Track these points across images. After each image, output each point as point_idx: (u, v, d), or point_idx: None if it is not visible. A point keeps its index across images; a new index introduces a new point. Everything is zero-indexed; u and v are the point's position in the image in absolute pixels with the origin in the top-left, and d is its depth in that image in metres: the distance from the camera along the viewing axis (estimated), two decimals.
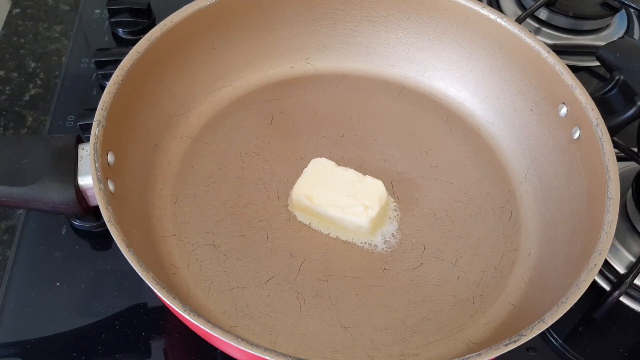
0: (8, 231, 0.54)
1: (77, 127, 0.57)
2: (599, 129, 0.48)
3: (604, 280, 0.52)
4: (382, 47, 0.62)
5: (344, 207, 0.50)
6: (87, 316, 0.49)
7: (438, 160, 0.57)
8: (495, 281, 0.50)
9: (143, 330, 0.49)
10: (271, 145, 0.56)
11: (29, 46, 0.68)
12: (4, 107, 0.63)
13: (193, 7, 0.53)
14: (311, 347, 0.45)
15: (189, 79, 0.56)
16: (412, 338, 0.46)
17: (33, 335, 0.48)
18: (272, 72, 0.61)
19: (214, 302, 0.47)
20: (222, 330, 0.36)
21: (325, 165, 0.52)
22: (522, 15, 0.68)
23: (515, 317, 0.47)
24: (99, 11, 0.71)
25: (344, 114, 0.59)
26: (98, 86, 0.63)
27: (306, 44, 0.61)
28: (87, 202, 0.46)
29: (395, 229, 0.52)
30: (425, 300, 0.48)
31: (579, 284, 0.40)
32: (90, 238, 0.53)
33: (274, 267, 0.49)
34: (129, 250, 0.38)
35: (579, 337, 0.51)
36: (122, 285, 0.50)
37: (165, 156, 0.54)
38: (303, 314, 0.47)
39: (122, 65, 0.48)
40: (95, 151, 0.43)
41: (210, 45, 0.57)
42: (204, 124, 0.57)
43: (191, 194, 0.53)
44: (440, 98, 0.61)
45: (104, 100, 0.46)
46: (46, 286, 0.50)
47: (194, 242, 0.50)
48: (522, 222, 0.53)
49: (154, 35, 0.51)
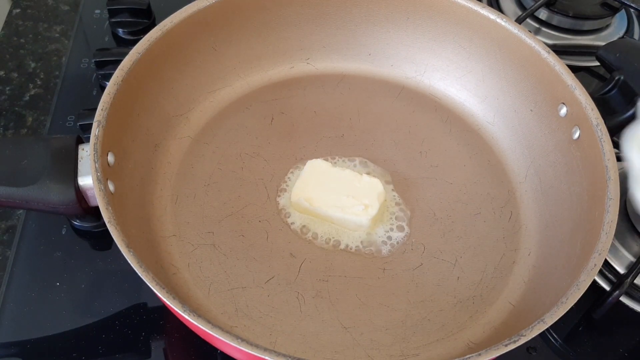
0: (8, 231, 0.54)
1: (77, 127, 0.57)
2: (599, 129, 0.48)
3: (604, 280, 0.52)
4: (382, 47, 0.62)
5: (344, 207, 0.50)
6: (87, 316, 0.49)
7: (438, 160, 0.57)
8: (495, 281, 0.50)
9: (143, 330, 0.49)
10: (271, 145, 0.56)
11: (29, 46, 0.68)
12: (4, 107, 0.63)
13: (193, 8, 0.53)
14: (311, 347, 0.45)
15: (189, 79, 0.56)
16: (412, 338, 0.46)
17: (33, 335, 0.48)
18: (272, 72, 0.61)
19: (214, 303, 0.47)
20: (222, 330, 0.36)
21: (322, 166, 0.52)
22: (522, 15, 0.68)
23: (515, 317, 0.47)
24: (99, 11, 0.71)
25: (344, 114, 0.59)
26: (98, 86, 0.63)
27: (306, 44, 0.61)
28: (87, 203, 0.46)
29: (395, 229, 0.52)
30: (425, 300, 0.48)
31: (579, 284, 0.40)
32: (90, 238, 0.53)
33: (274, 267, 0.49)
34: (129, 250, 0.39)
35: (579, 337, 0.51)
36: (122, 285, 0.50)
37: (165, 156, 0.54)
38: (303, 314, 0.47)
39: (122, 66, 0.48)
40: (95, 152, 0.43)
41: (210, 45, 0.57)
42: (204, 124, 0.57)
43: (191, 194, 0.53)
44: (440, 98, 0.61)
45: (104, 101, 0.46)
46: (46, 286, 0.50)
47: (194, 242, 0.50)
48: (522, 222, 0.53)
49: (154, 35, 0.51)
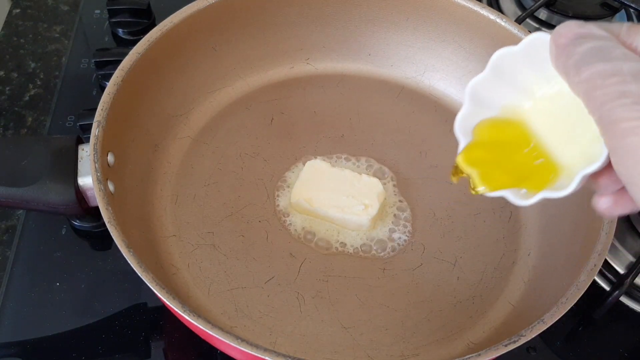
0: (8, 231, 0.54)
1: (77, 128, 0.57)
2: None
3: (604, 280, 0.53)
4: (382, 47, 0.62)
5: (344, 207, 0.50)
6: (87, 316, 0.49)
7: (438, 160, 0.57)
8: (495, 281, 0.50)
9: (143, 330, 0.49)
10: (271, 145, 0.56)
11: (29, 46, 0.68)
12: (4, 107, 0.63)
13: (193, 8, 0.53)
14: (311, 347, 0.45)
15: (189, 79, 0.56)
16: (412, 338, 0.46)
17: (33, 335, 0.48)
18: (272, 72, 0.61)
19: (214, 303, 0.47)
20: (222, 330, 0.36)
21: (321, 166, 0.52)
22: (522, 16, 0.68)
23: (515, 318, 0.47)
24: (99, 11, 0.71)
25: (344, 114, 0.59)
26: (98, 86, 0.63)
27: (306, 44, 0.61)
28: (87, 203, 0.46)
29: (395, 229, 0.52)
30: (425, 300, 0.48)
31: (578, 284, 0.40)
32: (90, 238, 0.53)
33: (274, 268, 0.49)
34: (129, 250, 0.39)
35: (579, 337, 0.51)
36: (122, 285, 0.50)
37: (165, 156, 0.54)
38: (303, 314, 0.47)
39: (122, 66, 0.48)
40: (95, 152, 0.43)
41: (210, 45, 0.57)
42: (204, 124, 0.57)
43: (191, 194, 0.53)
44: (440, 98, 0.61)
45: (103, 101, 0.46)
46: (46, 286, 0.50)
47: (194, 242, 0.50)
48: (522, 222, 0.53)
49: (153, 35, 0.51)
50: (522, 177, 0.32)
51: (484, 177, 0.33)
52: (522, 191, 0.32)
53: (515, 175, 0.32)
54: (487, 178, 0.33)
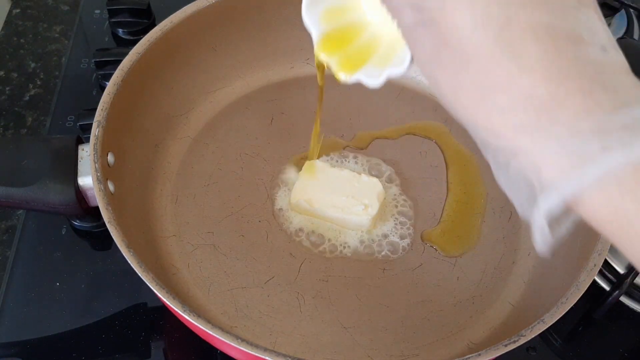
0: (8, 231, 0.54)
1: (77, 128, 0.57)
2: None
3: (604, 280, 0.52)
4: None
5: (344, 207, 0.50)
6: (87, 316, 0.49)
7: (438, 160, 0.57)
8: (495, 281, 0.50)
9: (143, 330, 0.49)
10: (271, 145, 0.56)
11: (29, 46, 0.68)
12: (4, 107, 0.63)
13: (193, 8, 0.53)
14: (311, 348, 0.45)
15: (189, 79, 0.56)
16: (412, 338, 0.46)
17: (33, 335, 0.48)
18: (272, 72, 0.61)
19: (214, 303, 0.47)
20: (222, 330, 0.36)
21: (320, 166, 0.52)
22: None
23: (515, 318, 0.47)
24: (99, 11, 0.71)
25: (344, 114, 0.59)
26: (98, 86, 0.63)
27: (306, 44, 0.61)
28: (87, 203, 0.46)
29: (395, 229, 0.52)
30: (425, 300, 0.48)
31: (578, 284, 0.40)
32: (90, 238, 0.53)
33: (274, 268, 0.49)
34: (129, 250, 0.39)
35: (579, 337, 0.51)
36: (122, 285, 0.50)
37: (165, 156, 0.54)
38: (303, 314, 0.47)
39: (122, 66, 0.48)
40: (95, 152, 0.43)
41: (210, 45, 0.57)
42: (204, 124, 0.57)
43: (191, 194, 0.53)
44: None
45: (103, 101, 0.46)
46: (46, 286, 0.50)
47: (194, 242, 0.50)
48: (522, 222, 0.53)
49: (153, 35, 0.51)
50: (369, 57, 0.34)
51: (341, 64, 0.35)
52: (375, 72, 0.34)
53: (363, 56, 0.34)
54: (343, 64, 0.35)
